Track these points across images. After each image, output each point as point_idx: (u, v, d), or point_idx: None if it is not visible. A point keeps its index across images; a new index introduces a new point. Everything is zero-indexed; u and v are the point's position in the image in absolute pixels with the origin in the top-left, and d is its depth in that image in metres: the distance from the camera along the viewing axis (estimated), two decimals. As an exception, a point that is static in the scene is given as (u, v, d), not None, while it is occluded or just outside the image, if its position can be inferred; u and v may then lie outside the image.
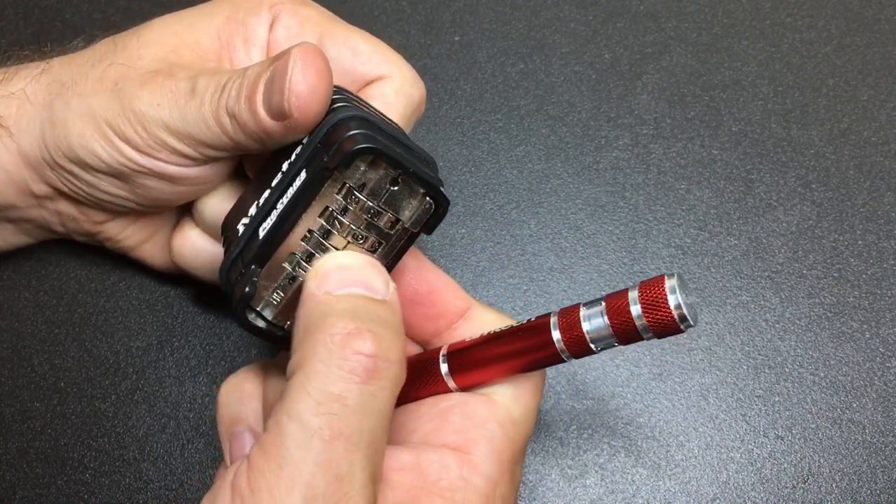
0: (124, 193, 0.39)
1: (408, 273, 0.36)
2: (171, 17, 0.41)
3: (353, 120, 0.33)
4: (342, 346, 0.29)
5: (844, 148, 0.51)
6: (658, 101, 0.53)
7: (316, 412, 0.28)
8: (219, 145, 0.36)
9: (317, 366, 0.29)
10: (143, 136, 0.36)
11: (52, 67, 0.40)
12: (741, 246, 0.49)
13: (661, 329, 0.30)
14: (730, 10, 0.56)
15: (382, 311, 0.31)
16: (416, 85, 0.40)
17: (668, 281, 0.30)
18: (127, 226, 0.43)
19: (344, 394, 0.28)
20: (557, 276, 0.48)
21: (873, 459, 0.43)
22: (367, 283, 0.31)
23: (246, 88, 0.34)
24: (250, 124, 0.34)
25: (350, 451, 0.28)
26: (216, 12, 0.40)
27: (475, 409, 0.34)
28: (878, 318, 0.47)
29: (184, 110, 0.36)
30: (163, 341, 0.46)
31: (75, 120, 0.38)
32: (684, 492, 0.43)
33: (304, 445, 0.28)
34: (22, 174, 0.40)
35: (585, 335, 0.31)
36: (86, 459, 0.43)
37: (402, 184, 0.33)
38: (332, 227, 0.33)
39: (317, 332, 0.30)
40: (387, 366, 0.29)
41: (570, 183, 0.50)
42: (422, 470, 0.32)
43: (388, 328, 0.30)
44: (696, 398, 0.45)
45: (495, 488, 0.33)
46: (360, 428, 0.28)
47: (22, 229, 0.44)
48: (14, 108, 0.39)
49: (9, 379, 0.45)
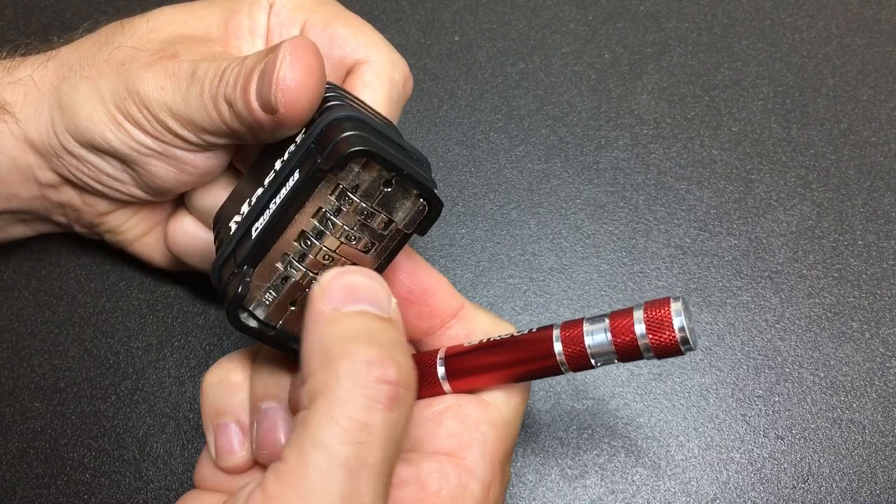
0: (129, 179, 0.39)
1: (402, 272, 0.36)
2: (180, 7, 0.41)
3: (348, 121, 0.33)
4: (366, 373, 0.28)
5: (844, 148, 0.51)
6: (658, 101, 0.53)
7: (343, 441, 0.27)
8: (217, 132, 0.36)
9: (341, 393, 0.28)
10: (150, 119, 0.37)
11: (58, 54, 0.41)
12: (741, 246, 0.49)
13: (663, 350, 0.31)
14: (730, 10, 0.56)
15: (395, 332, 0.31)
16: (396, 67, 0.40)
17: (674, 304, 0.30)
18: (128, 218, 0.43)
19: (370, 422, 0.28)
20: (557, 276, 0.48)
21: (873, 459, 0.43)
22: (375, 299, 0.31)
23: (242, 78, 0.34)
24: (245, 114, 0.34)
25: (373, 481, 0.28)
26: (222, 1, 0.41)
27: (468, 411, 0.34)
28: (878, 318, 0.47)
29: (185, 95, 0.36)
30: (163, 341, 0.46)
31: (83, 103, 0.38)
32: (684, 492, 0.43)
33: (328, 476, 0.27)
34: (28, 161, 0.40)
35: (587, 350, 0.32)
36: (86, 459, 0.43)
37: (395, 185, 0.32)
38: (325, 227, 0.33)
39: (338, 357, 0.29)
40: (405, 392, 0.29)
41: (570, 183, 0.50)
42: (422, 482, 0.32)
43: (404, 352, 0.30)
44: (696, 398, 0.45)
45: (489, 491, 0.33)
46: (384, 456, 0.28)
47: (22, 220, 0.44)
48: (21, 94, 0.40)
49: (9, 379, 0.45)
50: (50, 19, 0.55)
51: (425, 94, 0.53)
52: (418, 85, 0.53)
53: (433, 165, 0.51)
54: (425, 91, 0.53)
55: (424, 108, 0.52)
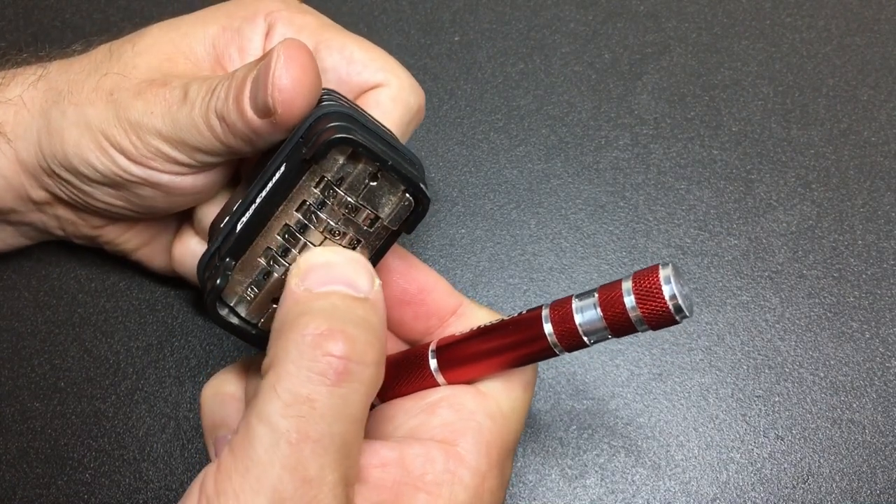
0: (120, 202, 0.39)
1: (395, 273, 0.36)
2: (166, 24, 0.40)
3: (335, 115, 0.32)
4: (313, 346, 0.28)
5: (844, 148, 0.51)
6: (658, 101, 0.53)
7: (284, 414, 0.27)
8: (211, 150, 0.36)
9: (288, 367, 0.28)
10: (138, 146, 0.36)
11: (49, 73, 0.40)
12: (741, 246, 0.49)
13: (657, 320, 0.29)
14: (730, 10, 0.56)
15: (363, 310, 0.30)
16: (413, 92, 0.40)
17: (662, 271, 0.29)
18: (126, 230, 0.43)
19: (313, 396, 0.28)
20: (557, 276, 0.48)
21: (873, 459, 0.43)
22: (351, 280, 0.30)
23: (234, 89, 0.34)
24: (238, 125, 0.34)
25: (318, 455, 0.28)
26: (211, 21, 0.40)
27: (464, 401, 0.33)
28: (878, 318, 0.47)
29: (176, 116, 0.35)
30: (163, 341, 0.46)
31: (71, 129, 0.38)
32: (684, 492, 0.43)
33: (271, 448, 0.27)
34: (20, 180, 0.40)
35: (578, 328, 0.31)
36: (86, 459, 0.43)
37: (381, 179, 0.32)
38: (309, 221, 0.33)
39: (290, 331, 0.29)
40: (360, 368, 0.29)
41: (570, 183, 0.50)
42: (405, 465, 0.31)
43: (366, 329, 0.29)
44: (696, 398, 0.45)
45: (483, 481, 0.32)
46: (330, 431, 0.28)
47: (21, 232, 0.44)
48: (11, 114, 0.39)
49: (9, 379, 0.45)
50: (50, 19, 0.55)
51: (425, 94, 0.53)
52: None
53: (433, 165, 0.51)
54: (425, 91, 0.53)
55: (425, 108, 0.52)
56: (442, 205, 0.50)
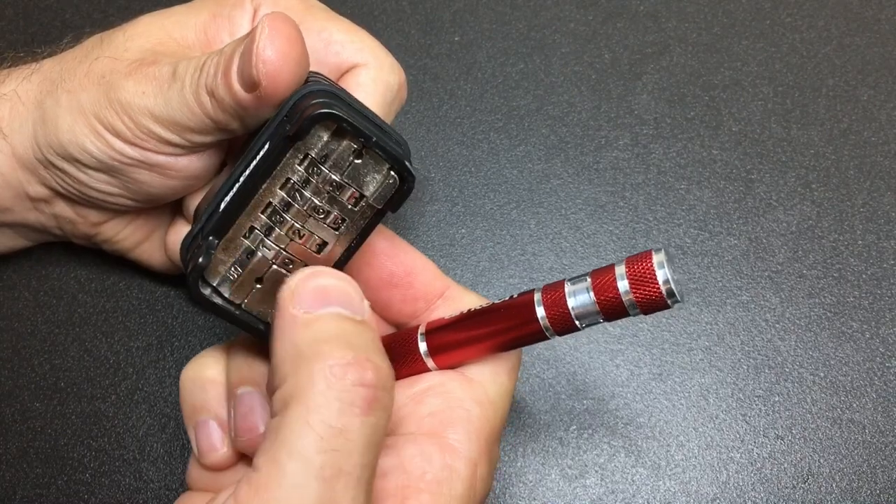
0: (117, 190, 0.39)
1: (382, 255, 0.36)
2: (157, 13, 0.41)
3: (320, 93, 0.32)
4: (342, 377, 0.28)
5: (844, 148, 0.51)
6: (658, 101, 0.53)
7: (319, 449, 0.27)
8: (202, 128, 0.36)
9: (317, 399, 0.27)
10: (131, 126, 0.36)
11: (42, 67, 0.40)
12: (741, 246, 0.49)
13: (649, 305, 0.29)
14: (730, 10, 0.56)
15: (370, 334, 0.30)
16: (393, 71, 0.40)
17: (655, 256, 0.29)
18: (124, 226, 0.43)
19: (347, 427, 0.27)
20: (557, 275, 0.48)
21: (873, 459, 0.43)
22: (348, 302, 0.30)
23: (222, 64, 0.34)
24: (227, 99, 0.34)
25: (351, 488, 0.27)
26: (202, 8, 0.40)
27: (451, 388, 0.33)
28: (878, 318, 0.47)
29: (167, 95, 0.35)
30: (163, 341, 0.46)
31: (65, 116, 0.38)
32: (684, 492, 0.43)
33: (302, 486, 0.26)
34: (17, 176, 0.40)
35: (571, 312, 0.31)
36: (86, 459, 0.43)
37: (366, 157, 0.32)
38: (292, 199, 0.32)
39: (312, 360, 0.28)
40: (384, 394, 0.28)
41: (570, 183, 0.50)
42: (405, 468, 0.31)
43: (380, 354, 0.29)
44: (696, 398, 0.45)
45: (476, 469, 0.32)
46: (362, 462, 0.27)
47: (19, 233, 0.44)
48: (7, 109, 0.39)
49: (9, 379, 0.45)
50: (50, 19, 0.55)
51: (425, 94, 0.53)
52: (418, 85, 0.53)
53: (433, 165, 0.51)
54: (425, 91, 0.53)
55: (424, 108, 0.52)
56: (442, 205, 0.50)
